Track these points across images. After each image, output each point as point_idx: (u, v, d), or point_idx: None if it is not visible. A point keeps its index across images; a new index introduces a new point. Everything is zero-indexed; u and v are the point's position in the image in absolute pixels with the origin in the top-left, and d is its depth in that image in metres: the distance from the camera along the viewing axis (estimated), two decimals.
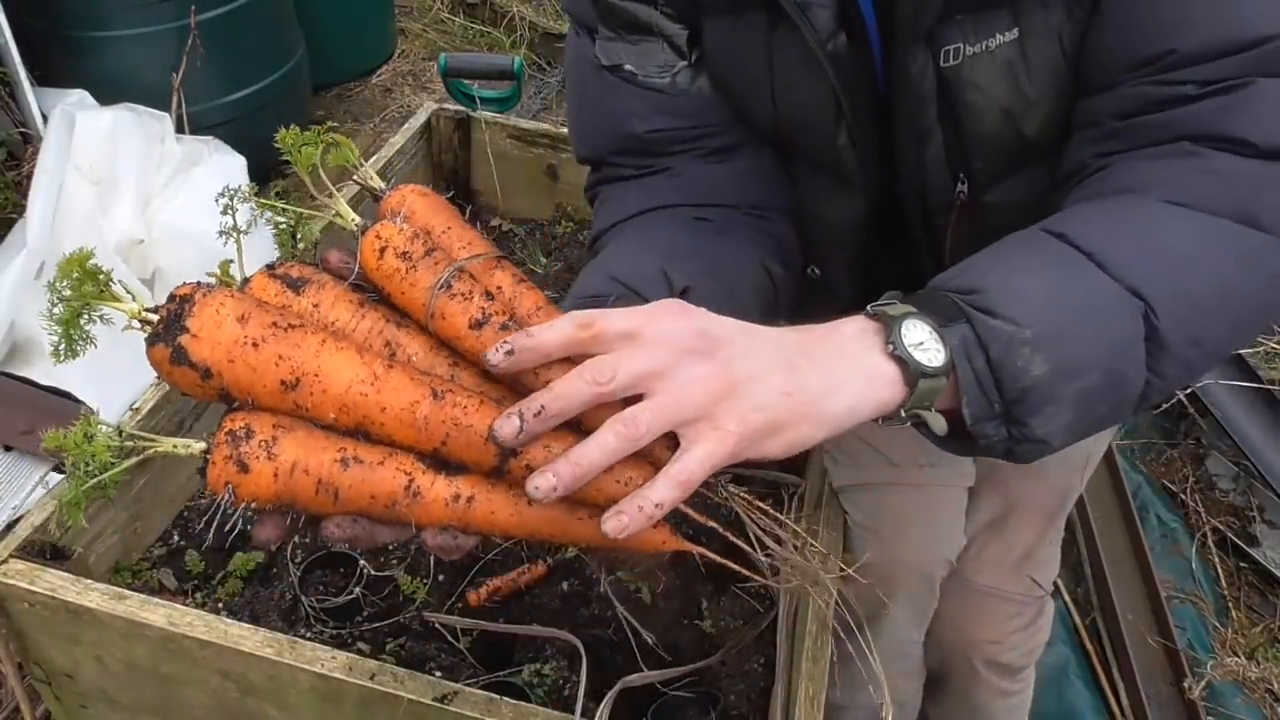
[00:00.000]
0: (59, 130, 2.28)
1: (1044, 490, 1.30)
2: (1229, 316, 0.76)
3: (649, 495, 0.66)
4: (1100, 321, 0.72)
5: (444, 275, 0.70)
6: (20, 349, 2.08)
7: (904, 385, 0.70)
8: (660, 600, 1.28)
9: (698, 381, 0.67)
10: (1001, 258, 0.78)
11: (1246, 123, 0.74)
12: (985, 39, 0.85)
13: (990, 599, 1.31)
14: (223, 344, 0.66)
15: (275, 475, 0.67)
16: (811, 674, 1.09)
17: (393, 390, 0.67)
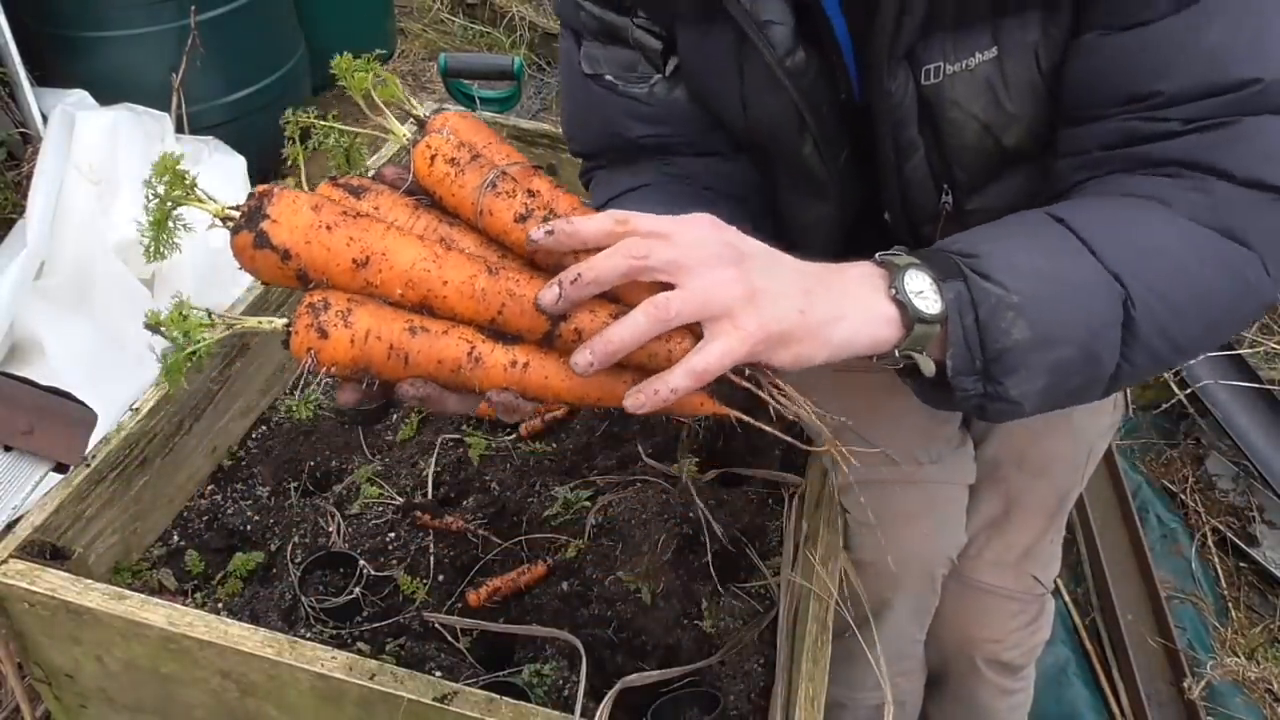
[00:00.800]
0: (59, 130, 2.28)
1: (1045, 488, 1.30)
2: (1202, 318, 0.81)
3: (667, 381, 0.73)
4: (1082, 300, 0.78)
5: (489, 176, 0.78)
6: (20, 349, 2.08)
7: (901, 327, 0.77)
8: (660, 600, 1.28)
9: (724, 284, 0.73)
10: (1003, 230, 0.83)
11: (1229, 157, 0.79)
12: (965, 58, 0.88)
13: (991, 597, 1.31)
14: (300, 228, 0.73)
15: (352, 341, 0.74)
16: (811, 674, 1.09)
17: (453, 266, 0.75)
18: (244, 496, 1.47)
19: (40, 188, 2.19)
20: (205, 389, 1.43)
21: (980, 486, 1.31)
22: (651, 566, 1.29)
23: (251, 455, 1.54)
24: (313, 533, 1.39)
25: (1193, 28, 0.79)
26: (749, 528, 1.40)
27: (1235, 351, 2.51)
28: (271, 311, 1.55)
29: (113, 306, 2.12)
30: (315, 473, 1.51)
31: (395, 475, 1.48)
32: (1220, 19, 0.78)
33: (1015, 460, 1.29)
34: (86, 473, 1.25)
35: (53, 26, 2.70)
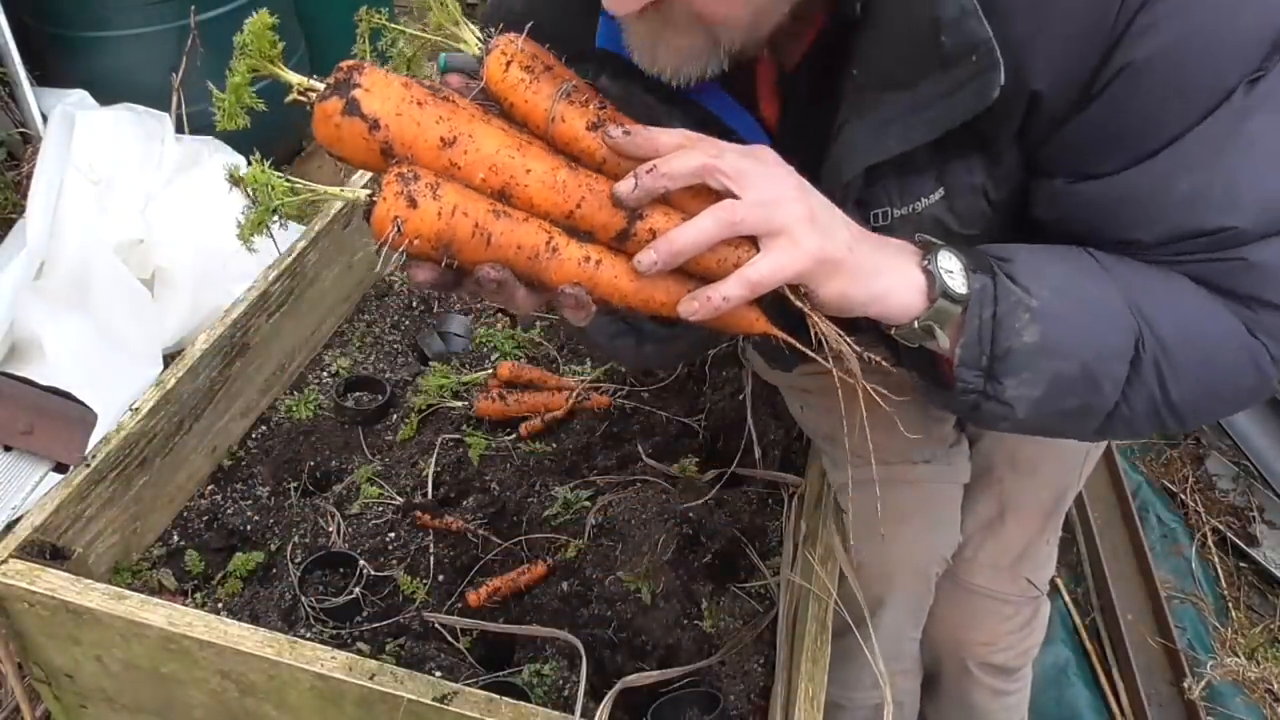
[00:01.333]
0: (59, 130, 2.28)
1: (1040, 489, 1.30)
2: (1204, 384, 0.84)
3: (720, 289, 0.75)
4: (1097, 324, 0.81)
5: (564, 86, 0.78)
6: (20, 349, 2.08)
7: (927, 298, 0.80)
8: (660, 600, 1.28)
9: (788, 200, 0.76)
10: (1038, 250, 0.85)
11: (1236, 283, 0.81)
12: (911, 202, 0.89)
13: (985, 600, 1.31)
14: (392, 99, 0.73)
15: (439, 214, 0.73)
16: (811, 674, 1.09)
17: (536, 157, 0.76)
18: (244, 496, 1.47)
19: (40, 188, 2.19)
20: (205, 389, 1.43)
21: (975, 487, 1.31)
22: (651, 566, 1.29)
23: (251, 455, 1.54)
24: (313, 533, 1.39)
25: (1160, 180, 0.80)
26: (749, 528, 1.40)
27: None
28: (273, 311, 1.55)
29: (113, 306, 2.11)
30: (315, 473, 1.51)
31: (395, 475, 1.48)
32: (1188, 171, 0.79)
33: (1009, 461, 1.29)
34: (86, 473, 1.25)
35: (53, 26, 2.69)
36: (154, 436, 1.35)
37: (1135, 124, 0.79)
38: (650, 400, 1.63)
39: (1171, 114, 0.78)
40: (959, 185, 0.88)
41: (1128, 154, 0.80)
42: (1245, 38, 0.76)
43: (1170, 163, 0.79)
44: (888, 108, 0.81)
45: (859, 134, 0.83)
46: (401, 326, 1.81)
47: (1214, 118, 0.77)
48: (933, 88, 0.78)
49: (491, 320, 1.82)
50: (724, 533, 1.37)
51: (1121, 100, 0.78)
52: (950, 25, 0.75)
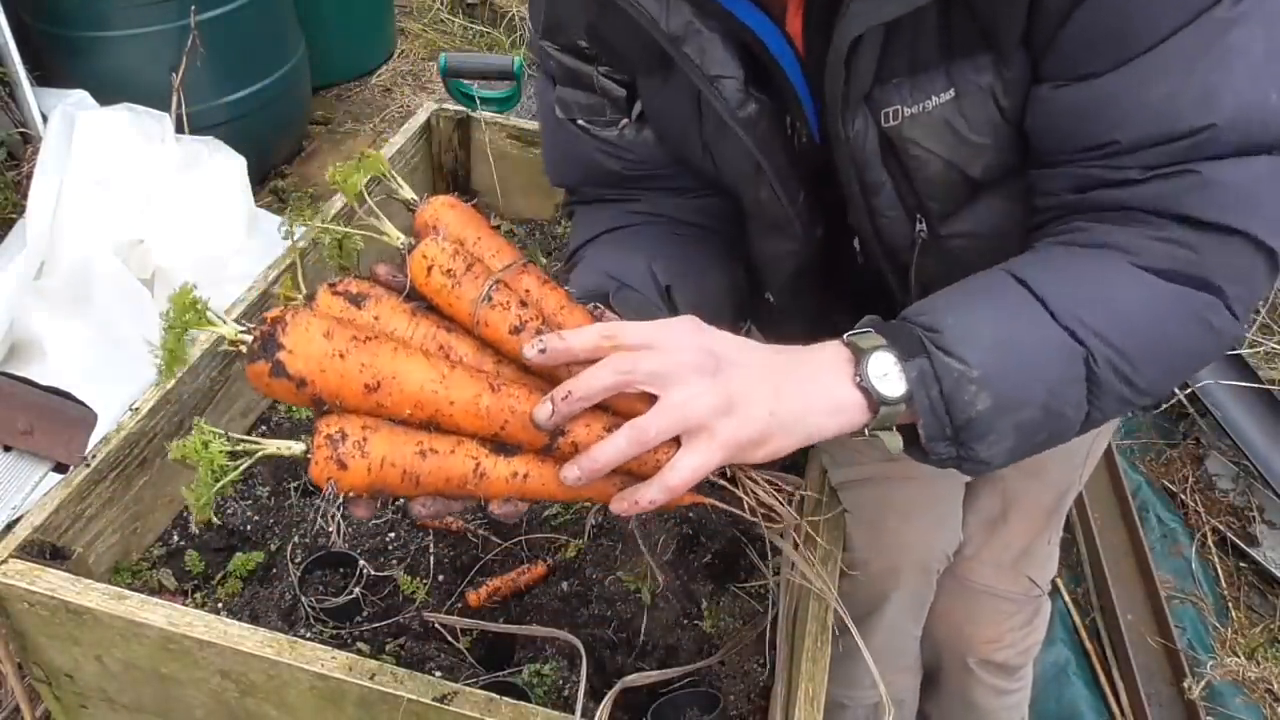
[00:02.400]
0: (59, 130, 2.28)
1: (1042, 489, 1.30)
2: (1163, 364, 0.86)
3: (645, 494, 0.79)
4: (1041, 365, 0.82)
5: (485, 289, 0.82)
6: (20, 349, 2.08)
7: (868, 410, 0.81)
8: (660, 600, 1.28)
9: (701, 396, 0.77)
10: (964, 299, 0.87)
11: (1192, 204, 0.81)
12: (922, 101, 0.90)
13: (987, 598, 1.31)
14: (314, 357, 0.77)
15: (369, 470, 0.79)
16: (811, 674, 1.09)
17: (458, 386, 0.80)
18: (244, 496, 1.47)
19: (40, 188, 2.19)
20: (205, 389, 1.43)
21: (977, 486, 1.31)
22: (651, 566, 1.29)
23: None
24: (313, 533, 1.39)
25: (1139, 82, 0.81)
26: (749, 528, 1.40)
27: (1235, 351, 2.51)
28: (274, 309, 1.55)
29: (113, 306, 2.11)
30: None
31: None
32: (1166, 73, 0.80)
33: None
34: (86, 473, 1.25)
35: (53, 26, 2.69)
36: (154, 436, 1.35)
37: (1123, 24, 0.80)
38: None
39: (1158, 13, 0.79)
40: (969, 85, 0.88)
41: (1114, 55, 0.81)
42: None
43: (1152, 65, 0.80)
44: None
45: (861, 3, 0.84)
46: None
47: (1198, 23, 0.78)
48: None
49: None
50: (724, 533, 1.37)
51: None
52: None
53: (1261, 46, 0.79)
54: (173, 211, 2.28)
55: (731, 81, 0.94)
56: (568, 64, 1.07)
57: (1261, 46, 0.79)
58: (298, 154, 3.34)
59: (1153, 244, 0.83)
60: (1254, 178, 0.82)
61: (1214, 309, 0.84)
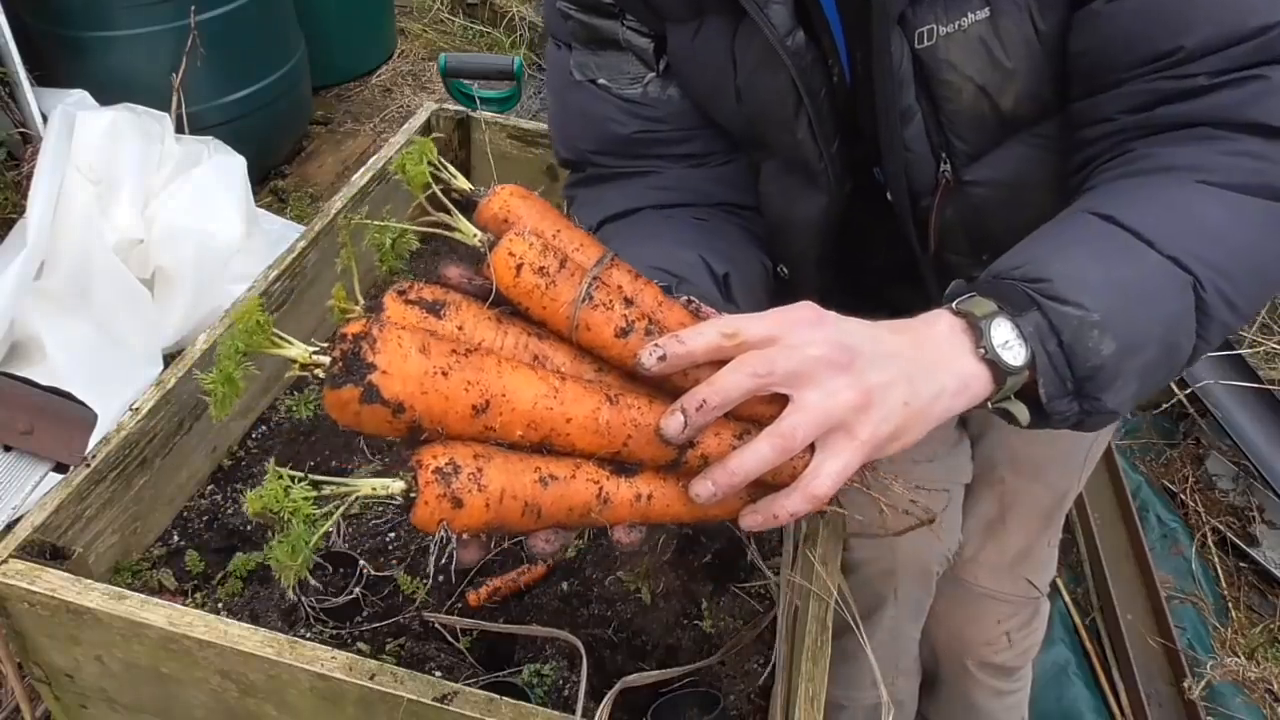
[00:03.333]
0: (59, 130, 2.28)
1: (1041, 491, 1.30)
2: (1260, 280, 0.82)
3: (785, 505, 0.73)
4: (1157, 300, 0.78)
5: (584, 289, 0.72)
6: (20, 349, 2.08)
7: (993, 383, 0.76)
8: (660, 600, 1.28)
9: (839, 394, 0.71)
10: (1057, 244, 0.81)
11: (1262, 110, 0.78)
12: (958, 19, 0.87)
13: (985, 600, 1.31)
14: (413, 377, 0.65)
15: (487, 505, 0.69)
16: (811, 674, 1.09)
17: (573, 401, 0.70)
18: (244, 496, 1.47)
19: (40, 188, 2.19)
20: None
21: (976, 488, 1.31)
22: (651, 566, 1.29)
23: (251, 455, 1.54)
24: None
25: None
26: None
27: (1235, 351, 2.51)
28: (273, 311, 1.55)
29: (113, 306, 2.12)
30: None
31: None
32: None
33: (1010, 462, 1.29)
34: (86, 473, 1.25)
35: (53, 26, 2.70)
36: (154, 436, 1.35)
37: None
38: None
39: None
40: (1005, 3, 0.86)
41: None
42: None
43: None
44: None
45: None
46: None
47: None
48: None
49: None
50: (724, 533, 1.37)
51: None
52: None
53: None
54: (173, 211, 2.28)
55: (780, 8, 0.91)
56: (590, 22, 1.04)
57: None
58: (298, 154, 3.34)
59: (1224, 159, 0.80)
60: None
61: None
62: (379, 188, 1.83)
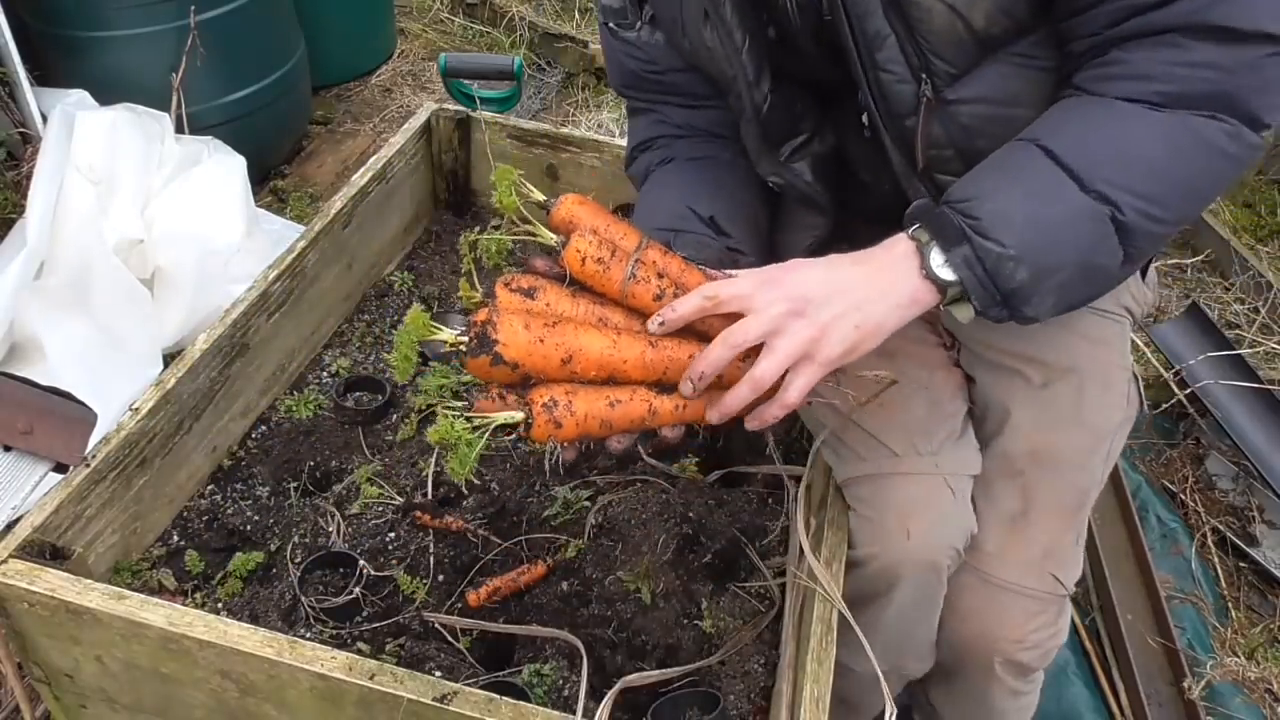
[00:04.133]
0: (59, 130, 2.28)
1: (1062, 485, 1.30)
2: (1187, 196, 0.98)
3: (770, 410, 1.01)
4: (1072, 232, 0.96)
5: (629, 269, 1.02)
6: (20, 349, 2.08)
7: (938, 293, 0.99)
8: (660, 600, 1.28)
9: (798, 334, 0.96)
10: (997, 180, 0.99)
11: (1227, 12, 0.89)
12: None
13: (1013, 596, 1.30)
14: (522, 345, 0.96)
15: (577, 425, 0.98)
16: (816, 674, 1.09)
17: (627, 348, 1.00)
18: (244, 496, 1.47)
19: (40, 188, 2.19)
20: (205, 389, 1.43)
21: (997, 482, 1.30)
22: (651, 566, 1.29)
23: (251, 455, 1.54)
24: (313, 533, 1.39)
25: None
26: (749, 527, 1.40)
27: (1235, 351, 2.51)
28: (273, 311, 1.55)
29: (113, 306, 2.11)
30: (315, 473, 1.51)
31: (395, 475, 1.48)
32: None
33: (1028, 455, 1.29)
34: (86, 473, 1.25)
35: (53, 26, 2.69)
36: (154, 436, 1.35)
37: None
38: None
39: None
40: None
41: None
42: None
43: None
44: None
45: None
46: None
47: None
48: None
49: None
50: (724, 533, 1.37)
51: None
52: None
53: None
54: (173, 211, 2.27)
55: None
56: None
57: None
58: (298, 154, 3.34)
59: (1179, 70, 0.91)
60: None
61: (1233, 134, 0.92)
62: (379, 188, 1.83)
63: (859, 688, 1.37)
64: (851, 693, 1.39)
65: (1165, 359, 2.58)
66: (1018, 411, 1.30)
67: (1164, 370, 2.54)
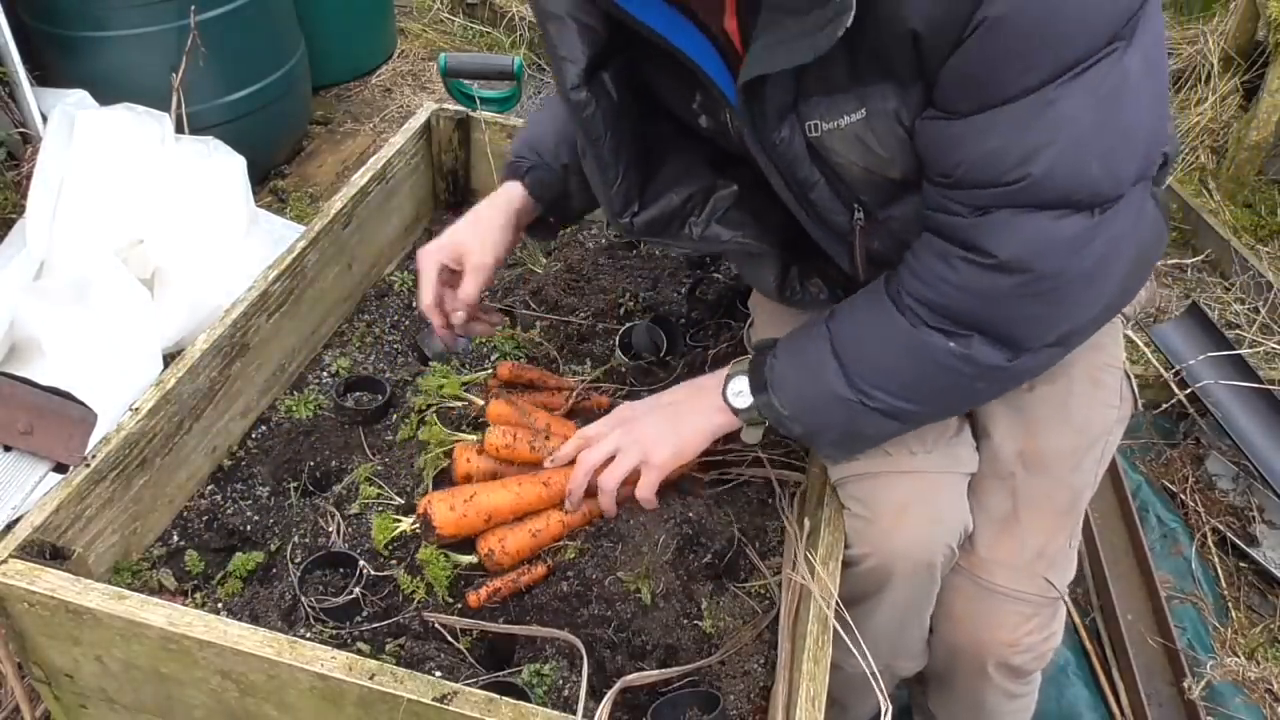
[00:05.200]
0: (59, 130, 2.28)
1: (1052, 486, 1.30)
2: (935, 400, 1.16)
3: (642, 497, 1.32)
4: (830, 408, 1.17)
5: (538, 440, 1.40)
6: (20, 349, 2.08)
7: (734, 416, 1.26)
8: (660, 600, 1.28)
9: (629, 449, 1.29)
10: (791, 345, 1.22)
11: (990, 240, 1.01)
12: (837, 119, 1.06)
13: (1004, 599, 1.30)
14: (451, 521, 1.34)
15: (511, 557, 1.33)
16: (813, 674, 1.09)
17: (528, 492, 1.36)
18: (244, 496, 1.47)
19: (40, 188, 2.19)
20: (205, 389, 1.43)
21: (987, 483, 1.31)
22: (651, 566, 1.29)
23: (251, 455, 1.54)
24: (313, 533, 1.39)
25: (983, 130, 0.96)
26: (749, 528, 1.40)
27: (1235, 351, 2.51)
28: (273, 311, 1.55)
29: (113, 306, 2.11)
30: (315, 473, 1.51)
31: (395, 475, 1.48)
32: (1004, 129, 0.95)
33: (1017, 457, 1.29)
34: (86, 473, 1.25)
35: (53, 26, 2.70)
36: (154, 436, 1.35)
37: (982, 75, 0.94)
38: None
39: (1008, 75, 0.93)
40: (877, 109, 1.03)
41: (975, 100, 0.96)
42: (1089, 24, 0.90)
43: (996, 119, 0.95)
44: (782, 30, 0.97)
45: (758, 49, 1.00)
46: (401, 326, 1.81)
47: (1040, 91, 0.92)
48: (816, 19, 0.93)
49: None
50: (724, 533, 1.37)
51: (975, 50, 0.92)
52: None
53: (1090, 119, 0.93)
54: (173, 211, 2.27)
55: (573, 67, 1.12)
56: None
57: (1090, 119, 0.93)
58: (298, 154, 3.34)
59: (947, 288, 1.05)
60: (1055, 231, 0.98)
61: (964, 355, 1.08)
62: (379, 188, 1.83)
63: (849, 686, 1.38)
64: (841, 691, 1.39)
65: (1165, 359, 2.58)
66: (1006, 414, 1.31)
67: (1164, 370, 2.54)
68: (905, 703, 1.69)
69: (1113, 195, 0.98)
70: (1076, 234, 0.99)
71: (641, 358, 1.68)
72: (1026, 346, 1.08)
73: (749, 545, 1.38)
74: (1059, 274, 1.01)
